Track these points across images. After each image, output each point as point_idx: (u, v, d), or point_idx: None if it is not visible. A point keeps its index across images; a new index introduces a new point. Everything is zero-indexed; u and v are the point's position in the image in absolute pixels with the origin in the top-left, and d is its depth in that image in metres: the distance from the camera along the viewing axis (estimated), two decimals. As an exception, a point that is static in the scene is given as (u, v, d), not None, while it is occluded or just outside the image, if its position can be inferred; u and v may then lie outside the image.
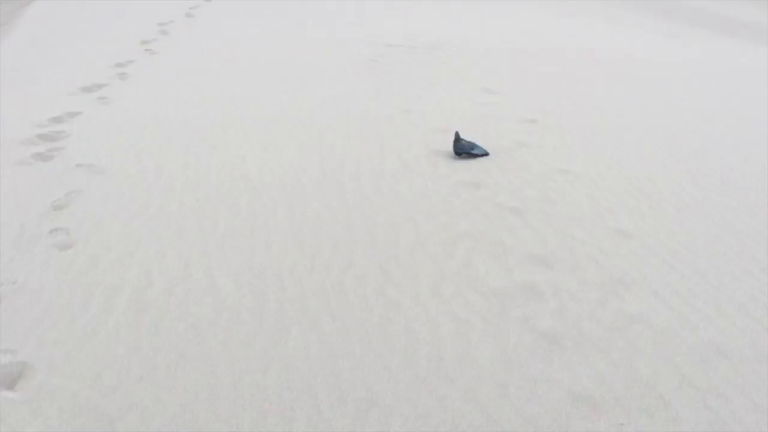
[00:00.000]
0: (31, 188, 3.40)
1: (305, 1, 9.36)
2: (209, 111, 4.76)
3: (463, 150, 4.04)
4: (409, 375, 2.15)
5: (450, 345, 2.32)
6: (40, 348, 2.20)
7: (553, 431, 1.94)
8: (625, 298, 2.65)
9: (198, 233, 3.02)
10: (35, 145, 3.98)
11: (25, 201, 3.25)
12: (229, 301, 2.52)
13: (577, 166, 4.00)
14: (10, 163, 3.72)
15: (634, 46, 8.87)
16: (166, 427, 1.89)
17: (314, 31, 7.63)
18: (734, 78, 6.98)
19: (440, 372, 2.17)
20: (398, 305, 2.54)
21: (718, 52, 10.07)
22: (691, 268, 2.89)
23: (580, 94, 5.67)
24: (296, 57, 6.43)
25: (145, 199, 3.33)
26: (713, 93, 6.24)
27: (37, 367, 2.11)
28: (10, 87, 5.36)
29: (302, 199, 3.42)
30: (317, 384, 2.09)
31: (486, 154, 4.11)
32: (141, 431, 1.87)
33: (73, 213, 3.15)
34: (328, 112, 4.81)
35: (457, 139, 4.04)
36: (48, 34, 7.36)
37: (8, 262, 2.73)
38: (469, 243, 3.03)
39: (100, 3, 8.88)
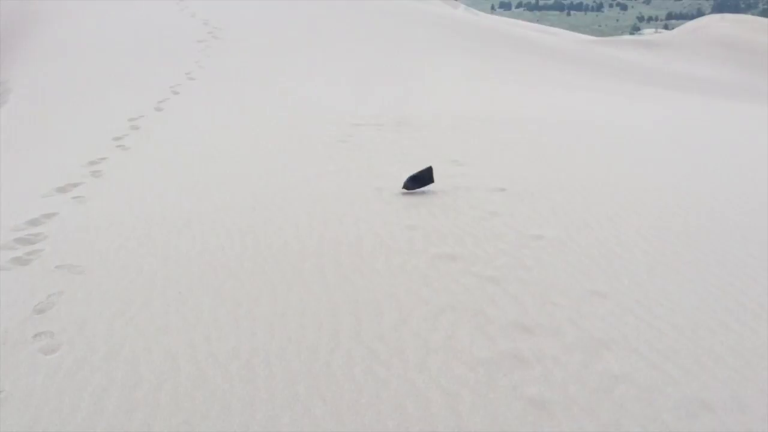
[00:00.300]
0: (11, 293, 3.41)
1: (264, 86, 9.59)
2: (184, 202, 4.83)
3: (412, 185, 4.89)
4: (404, 454, 2.17)
5: (441, 419, 2.35)
6: (33, 457, 2.19)
7: (551, 499, 1.97)
8: (607, 358, 2.71)
9: (183, 326, 3.04)
10: (13, 250, 4.00)
11: (7, 306, 3.26)
12: (219, 393, 2.53)
13: (549, 231, 4.12)
14: (-12, 269, 3.73)
15: (596, 110, 9.21)
16: None
17: (279, 114, 7.80)
18: (696, 135, 7.26)
19: (434, 448, 2.20)
20: (387, 383, 2.58)
21: (678, 111, 10.47)
22: (669, 324, 2.98)
23: (546, 160, 5.86)
24: (265, 142, 6.56)
25: (127, 296, 3.35)
26: (674, 151, 6.48)
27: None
28: (-16, 192, 5.39)
29: (284, 283, 3.46)
30: (314, 471, 2.10)
31: (431, 181, 4.93)
32: None
33: (56, 315, 3.16)
34: (303, 194, 4.91)
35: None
36: (19, 136, 7.45)
37: (-6, 370, 2.72)
38: (452, 315, 3.09)
39: (67, 101, 9.00)
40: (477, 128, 7.15)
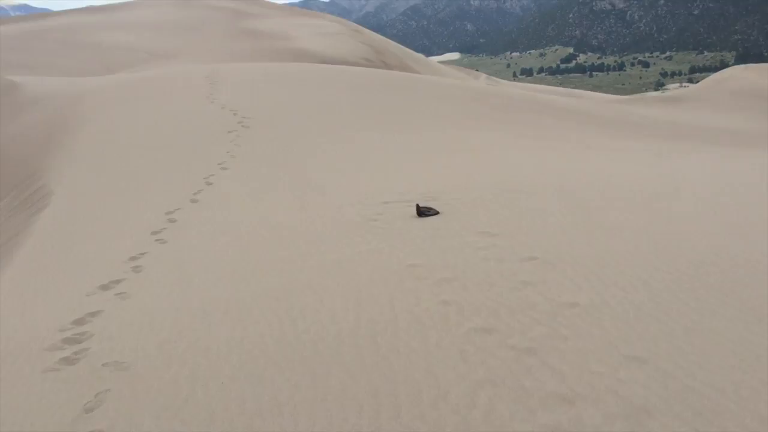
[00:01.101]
0: (61, 394, 3.52)
1: (294, 171, 9.85)
2: (222, 291, 4.95)
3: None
4: None
5: (486, 499, 2.36)
6: None
7: None
8: (650, 426, 2.70)
9: (227, 416, 3.10)
10: (61, 350, 4.13)
11: (58, 407, 3.36)
12: (264, 483, 2.57)
13: (583, 298, 4.13)
14: (38, 371, 3.86)
15: (623, 171, 9.24)
16: None
17: (310, 198, 7.99)
18: (726, 190, 7.25)
19: None
20: (430, 464, 2.59)
21: (704, 165, 10.46)
22: (709, 386, 2.95)
23: (576, 227, 5.89)
24: (297, 226, 6.72)
25: (172, 390, 3.43)
26: (705, 206, 6.47)
27: None
28: (33, 293, 5.60)
29: (323, 367, 3.52)
30: None
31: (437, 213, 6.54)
32: None
33: (105, 414, 3.25)
34: (337, 276, 5.00)
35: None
36: (62, 235, 7.73)
37: (47, 472, 2.80)
38: (490, 390, 3.11)
39: (106, 199, 9.34)
40: (506, 198, 7.23)
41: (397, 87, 20.50)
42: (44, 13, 70.39)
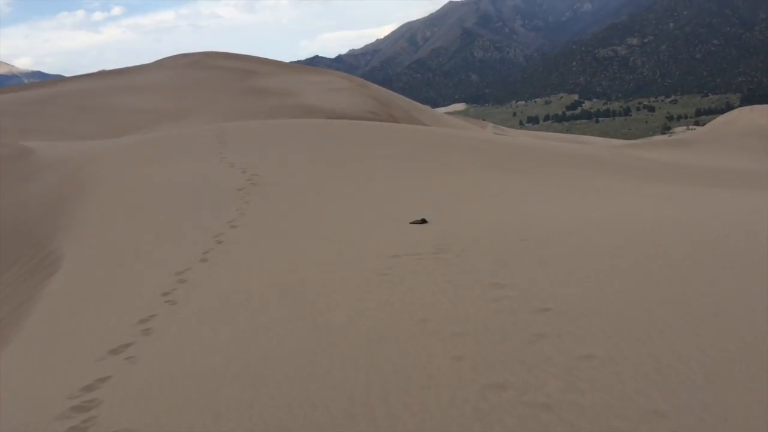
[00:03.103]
0: (68, 465, 3.44)
1: (302, 226, 9.86)
2: (233, 353, 4.89)
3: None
4: None
5: None
6: None
7: None
8: (674, 485, 2.59)
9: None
10: (69, 419, 4.07)
11: (64, 480, 3.28)
12: None
13: (598, 350, 4.04)
14: (46, 441, 3.79)
15: (630, 214, 9.19)
16: None
17: (319, 254, 7.97)
18: (738, 232, 7.17)
19: None
20: None
21: (717, 205, 10.40)
22: (734, 440, 2.85)
23: (589, 276, 5.82)
24: (307, 283, 6.67)
25: (180, 458, 3.35)
26: (718, 250, 6.39)
27: None
28: (42, 359, 5.55)
29: (335, 430, 3.44)
30: None
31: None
32: None
33: (112, 485, 3.17)
34: (347, 334, 4.93)
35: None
36: (72, 299, 7.71)
37: None
38: (507, 450, 3.01)
39: (116, 261, 9.35)
40: (516, 247, 7.18)
41: (404, 139, 20.67)
42: (57, 80, 72.02)
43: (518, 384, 3.72)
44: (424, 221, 8.86)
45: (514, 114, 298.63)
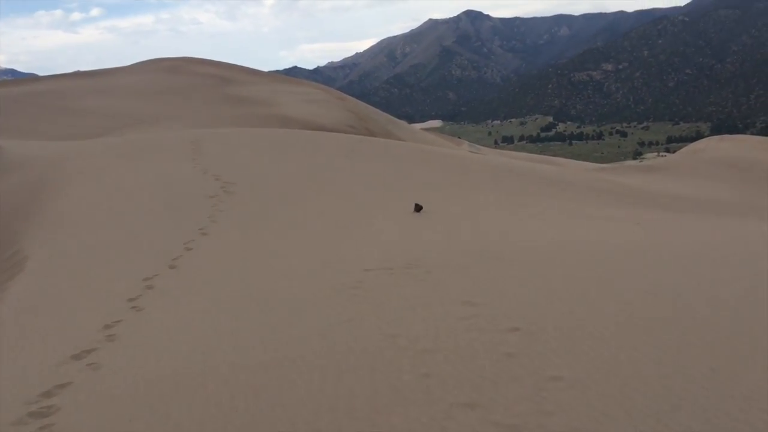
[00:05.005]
0: (22, 473, 3.34)
1: (274, 237, 9.79)
2: (198, 361, 4.80)
3: None
4: None
5: None
6: None
7: None
8: None
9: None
10: (25, 425, 3.96)
11: (17, 488, 3.18)
12: None
13: (567, 372, 4.04)
14: (0, 447, 3.67)
15: (607, 239, 9.26)
16: None
17: (289, 265, 7.90)
18: (708, 259, 7.26)
19: None
20: None
21: (685, 232, 10.53)
22: (699, 467, 2.86)
23: (559, 296, 5.84)
24: (277, 294, 6.61)
25: (139, 469, 3.27)
26: (683, 277, 6.45)
27: None
28: (2, 361, 5.40)
29: (299, 445, 3.38)
30: None
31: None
32: None
33: (67, 495, 3.07)
34: (315, 347, 4.88)
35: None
36: (35, 302, 7.54)
37: None
38: (473, 471, 2.98)
39: (82, 264, 9.17)
40: (488, 266, 7.19)
41: (380, 153, 20.67)
42: (31, 79, 71.00)
43: (486, 403, 3.69)
44: (420, 208, 10.33)
45: (490, 133, 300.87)
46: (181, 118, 42.25)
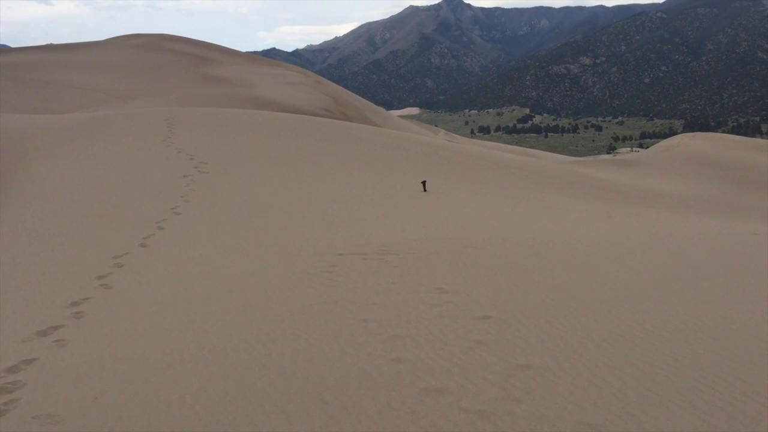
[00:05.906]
0: (-16, 448, 3.28)
1: (248, 219, 9.72)
2: (167, 341, 4.76)
3: None
4: None
5: None
6: None
7: None
8: (603, 497, 2.61)
9: (162, 479, 2.92)
10: (-11, 400, 3.88)
11: (-21, 464, 3.13)
12: None
13: (536, 360, 4.07)
14: (-38, 422, 3.61)
15: (579, 232, 9.34)
16: None
17: (263, 247, 7.85)
18: (672, 253, 7.35)
19: None
20: None
21: (654, 227, 10.66)
22: (663, 456, 2.90)
23: (530, 286, 5.88)
24: (250, 276, 6.57)
25: (105, 447, 3.23)
26: (653, 269, 6.54)
27: None
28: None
29: (268, 426, 3.37)
30: None
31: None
32: None
33: (30, 472, 3.03)
34: (287, 330, 4.86)
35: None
36: (1, 278, 7.41)
37: None
38: (441, 455, 3.00)
39: (50, 241, 9.02)
40: (461, 254, 7.21)
41: (356, 138, 20.61)
42: (2, 50, 69.54)
43: (456, 389, 3.71)
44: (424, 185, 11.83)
45: (467, 122, 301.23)
46: (156, 95, 41.72)
